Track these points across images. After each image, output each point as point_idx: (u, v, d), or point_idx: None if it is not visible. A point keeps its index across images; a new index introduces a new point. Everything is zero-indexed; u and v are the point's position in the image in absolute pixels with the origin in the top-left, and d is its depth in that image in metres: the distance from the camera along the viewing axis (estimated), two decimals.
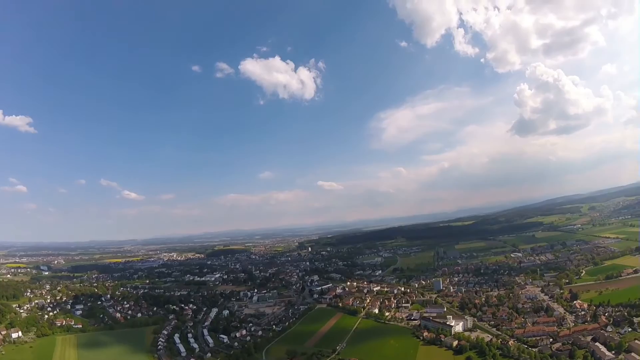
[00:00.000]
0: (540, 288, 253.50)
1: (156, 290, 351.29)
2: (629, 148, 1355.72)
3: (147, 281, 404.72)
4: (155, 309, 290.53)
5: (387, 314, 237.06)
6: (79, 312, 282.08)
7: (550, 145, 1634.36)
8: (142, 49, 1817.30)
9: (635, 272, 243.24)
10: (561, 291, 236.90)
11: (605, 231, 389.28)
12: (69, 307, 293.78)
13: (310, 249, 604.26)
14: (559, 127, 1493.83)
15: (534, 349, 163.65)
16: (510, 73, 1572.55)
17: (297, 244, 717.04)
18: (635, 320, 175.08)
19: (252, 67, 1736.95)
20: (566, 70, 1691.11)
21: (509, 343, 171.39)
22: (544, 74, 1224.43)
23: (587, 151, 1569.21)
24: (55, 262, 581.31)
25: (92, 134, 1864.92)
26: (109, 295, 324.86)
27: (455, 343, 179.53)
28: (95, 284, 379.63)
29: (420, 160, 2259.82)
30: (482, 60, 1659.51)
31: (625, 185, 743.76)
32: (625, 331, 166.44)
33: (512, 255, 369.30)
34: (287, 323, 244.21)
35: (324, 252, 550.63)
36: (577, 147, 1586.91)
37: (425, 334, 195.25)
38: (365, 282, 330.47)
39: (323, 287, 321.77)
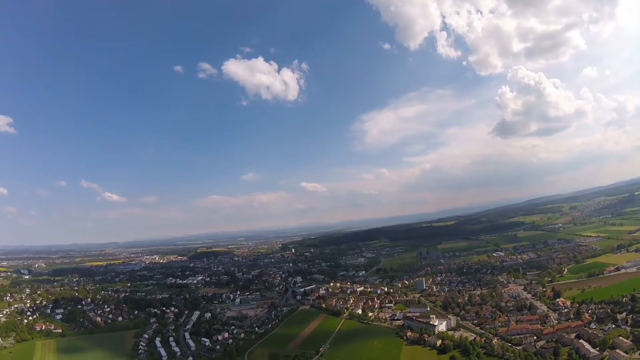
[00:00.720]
0: (523, 286, 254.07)
1: (137, 294, 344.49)
2: (609, 149, 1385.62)
3: (129, 284, 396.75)
4: (136, 312, 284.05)
5: (370, 314, 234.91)
6: (59, 317, 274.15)
7: (531, 146, 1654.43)
8: (124, 48, 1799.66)
9: (617, 269, 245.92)
10: (544, 289, 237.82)
11: (586, 230, 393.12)
12: (48, 311, 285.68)
13: (293, 250, 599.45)
14: (540, 129, 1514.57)
15: (518, 347, 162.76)
16: (492, 76, 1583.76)
17: (280, 245, 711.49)
18: (619, 317, 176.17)
19: (235, 67, 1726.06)
20: (547, 73, 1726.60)
21: (493, 342, 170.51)
22: (526, 77, 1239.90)
23: (568, 152, 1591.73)
24: (36, 265, 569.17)
25: (73, 134, 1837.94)
26: (89, 299, 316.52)
27: (439, 342, 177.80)
28: (76, 288, 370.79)
29: (403, 162, 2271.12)
30: (464, 63, 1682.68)
31: (606, 186, 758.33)
32: (609, 328, 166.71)
33: (494, 254, 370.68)
34: (269, 325, 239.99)
35: (307, 254, 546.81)
36: (558, 149, 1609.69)
37: (409, 333, 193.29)
38: (349, 283, 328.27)
39: (306, 288, 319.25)
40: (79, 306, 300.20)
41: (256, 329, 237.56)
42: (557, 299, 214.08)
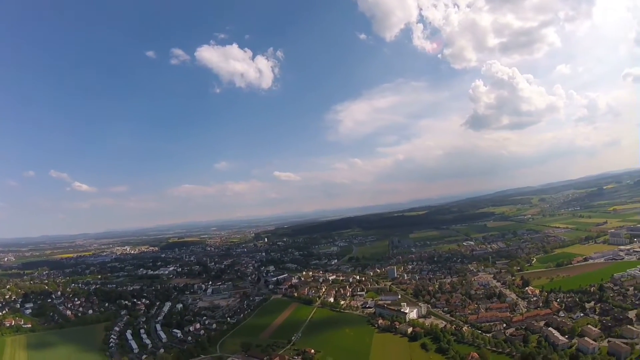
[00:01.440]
0: (493, 275, 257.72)
1: (108, 286, 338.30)
2: (580, 145, 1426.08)
3: (99, 276, 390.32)
4: (107, 304, 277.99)
5: (342, 302, 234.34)
6: (28, 311, 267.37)
7: (502, 139, 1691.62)
8: (93, 32, 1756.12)
9: (585, 260, 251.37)
10: (513, 278, 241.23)
11: (555, 221, 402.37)
12: (18, 306, 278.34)
13: (266, 239, 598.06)
14: (512, 122, 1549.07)
15: (487, 335, 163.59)
16: (466, 69, 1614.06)
17: (253, 235, 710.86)
18: (587, 305, 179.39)
19: (208, 54, 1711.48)
20: (521, 68, 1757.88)
21: (463, 329, 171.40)
22: (499, 72, 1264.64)
23: (539, 146, 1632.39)
24: (5, 259, 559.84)
25: (41, 122, 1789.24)
26: (59, 292, 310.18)
27: (410, 330, 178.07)
28: (45, 281, 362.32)
29: (376, 153, 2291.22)
30: (439, 56, 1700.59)
31: (575, 179, 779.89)
32: (577, 316, 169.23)
33: (464, 243, 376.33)
34: (242, 315, 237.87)
35: (280, 243, 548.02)
36: (529, 143, 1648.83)
37: (380, 321, 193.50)
38: (321, 272, 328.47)
39: (279, 277, 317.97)
40: (49, 300, 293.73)
41: (228, 319, 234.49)
42: (526, 288, 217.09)
